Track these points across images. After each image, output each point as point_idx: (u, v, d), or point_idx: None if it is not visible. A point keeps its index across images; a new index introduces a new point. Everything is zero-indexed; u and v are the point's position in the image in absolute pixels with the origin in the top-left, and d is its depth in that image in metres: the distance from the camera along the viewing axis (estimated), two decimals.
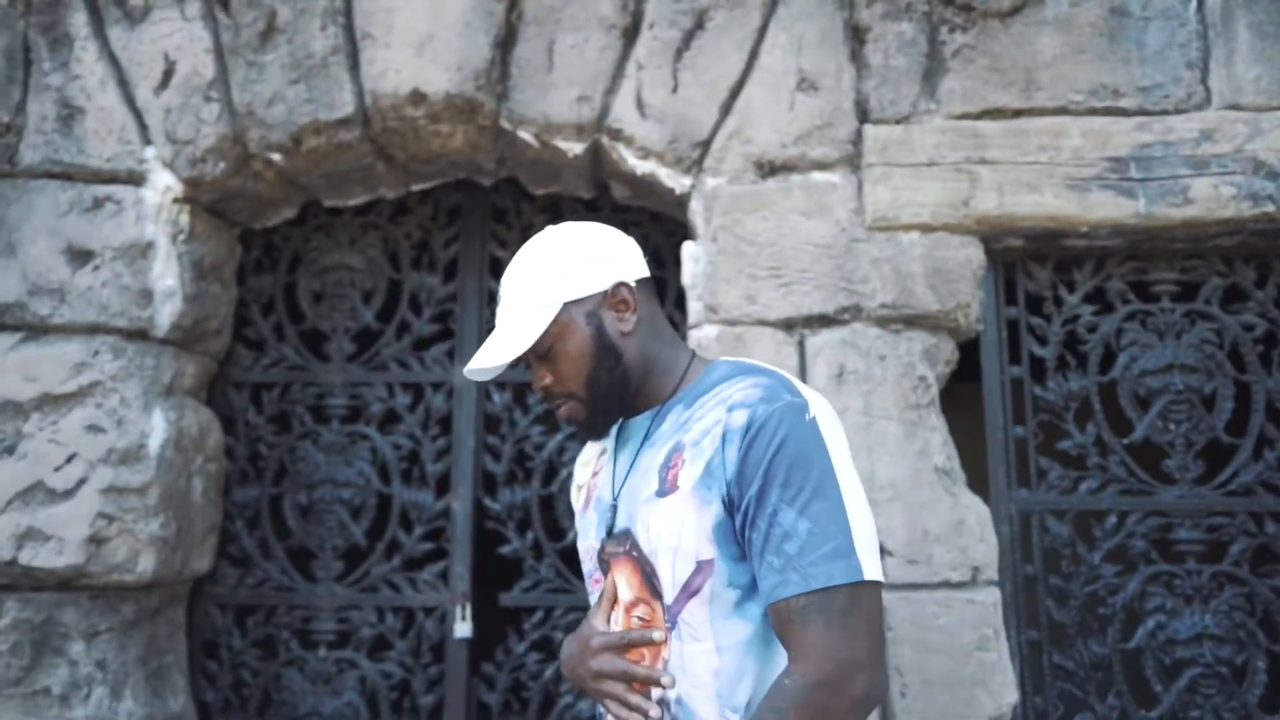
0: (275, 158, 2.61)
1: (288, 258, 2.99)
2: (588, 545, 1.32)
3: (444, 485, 2.84)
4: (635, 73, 2.52)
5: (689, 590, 1.14)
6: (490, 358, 1.24)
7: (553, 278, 1.23)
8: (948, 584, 2.27)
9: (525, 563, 2.78)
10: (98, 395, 2.49)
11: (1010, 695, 2.23)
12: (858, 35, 2.52)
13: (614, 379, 1.25)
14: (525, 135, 2.56)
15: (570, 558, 2.72)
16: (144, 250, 2.56)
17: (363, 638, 2.77)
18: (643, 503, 1.20)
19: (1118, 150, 2.41)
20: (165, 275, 2.58)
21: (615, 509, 1.26)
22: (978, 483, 2.42)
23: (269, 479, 2.88)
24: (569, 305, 1.23)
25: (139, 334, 2.56)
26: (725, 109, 2.50)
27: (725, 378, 1.21)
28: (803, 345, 2.39)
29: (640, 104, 2.51)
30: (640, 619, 1.19)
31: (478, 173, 2.83)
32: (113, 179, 2.58)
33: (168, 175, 2.59)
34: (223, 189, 2.65)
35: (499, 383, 2.85)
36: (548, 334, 1.23)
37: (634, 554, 1.20)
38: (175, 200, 2.60)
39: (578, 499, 1.40)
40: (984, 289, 2.50)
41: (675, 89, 2.50)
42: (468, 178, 2.87)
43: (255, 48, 2.58)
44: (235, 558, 2.83)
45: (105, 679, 2.45)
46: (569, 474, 2.77)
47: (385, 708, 2.73)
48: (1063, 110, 2.45)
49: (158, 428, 2.54)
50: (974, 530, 2.29)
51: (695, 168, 2.50)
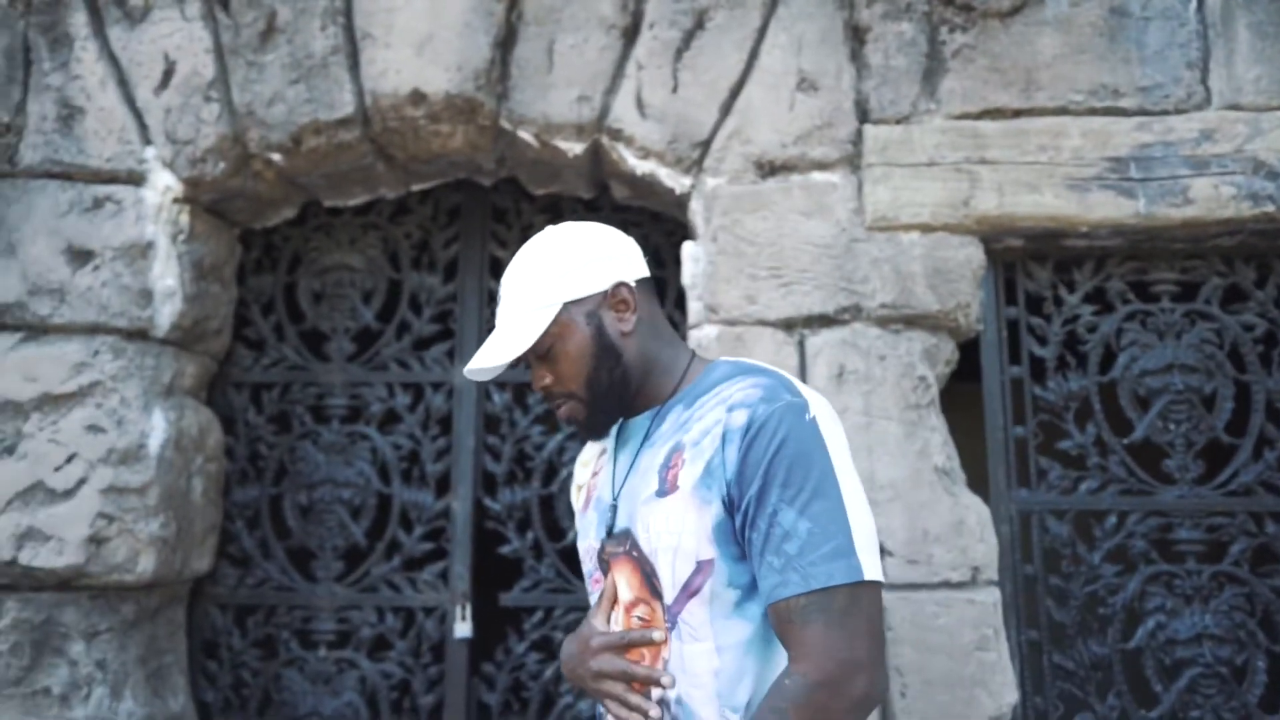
0: (275, 158, 2.61)
1: (288, 258, 2.99)
2: (588, 545, 1.32)
3: (444, 485, 2.84)
4: (635, 73, 2.52)
5: (689, 590, 1.14)
6: (490, 358, 1.24)
7: (552, 278, 1.23)
8: (948, 584, 2.27)
9: (525, 563, 2.78)
10: (98, 395, 2.49)
11: (1010, 695, 2.23)
12: (858, 35, 2.52)
13: (614, 379, 1.25)
14: (525, 135, 2.57)
15: (570, 558, 2.72)
16: (144, 250, 2.56)
17: (363, 638, 2.77)
18: (643, 503, 1.20)
19: (1118, 150, 2.41)
20: (165, 275, 2.58)
21: (615, 509, 1.26)
22: (978, 483, 2.42)
23: (269, 479, 2.88)
24: (569, 305, 1.23)
25: (139, 334, 2.56)
26: (725, 109, 2.50)
27: (725, 378, 1.21)
28: (803, 345, 2.39)
29: (640, 104, 2.51)
30: (640, 619, 1.19)
31: (478, 173, 2.83)
32: (113, 179, 2.58)
33: (168, 175, 2.59)
34: (223, 189, 2.66)
35: (499, 383, 2.85)
36: (547, 334, 1.23)
37: (634, 554, 1.20)
38: (175, 200, 2.60)
39: (578, 499, 1.40)
40: (984, 289, 2.51)
41: (675, 89, 2.50)
42: (467, 178, 2.87)
43: (255, 48, 2.58)
44: (235, 558, 2.83)
45: (105, 679, 2.45)
46: (569, 474, 2.77)
47: (385, 708, 2.73)
48: (1063, 110, 2.45)
49: (158, 428, 2.54)
50: (974, 530, 2.29)
51: (695, 168, 2.50)
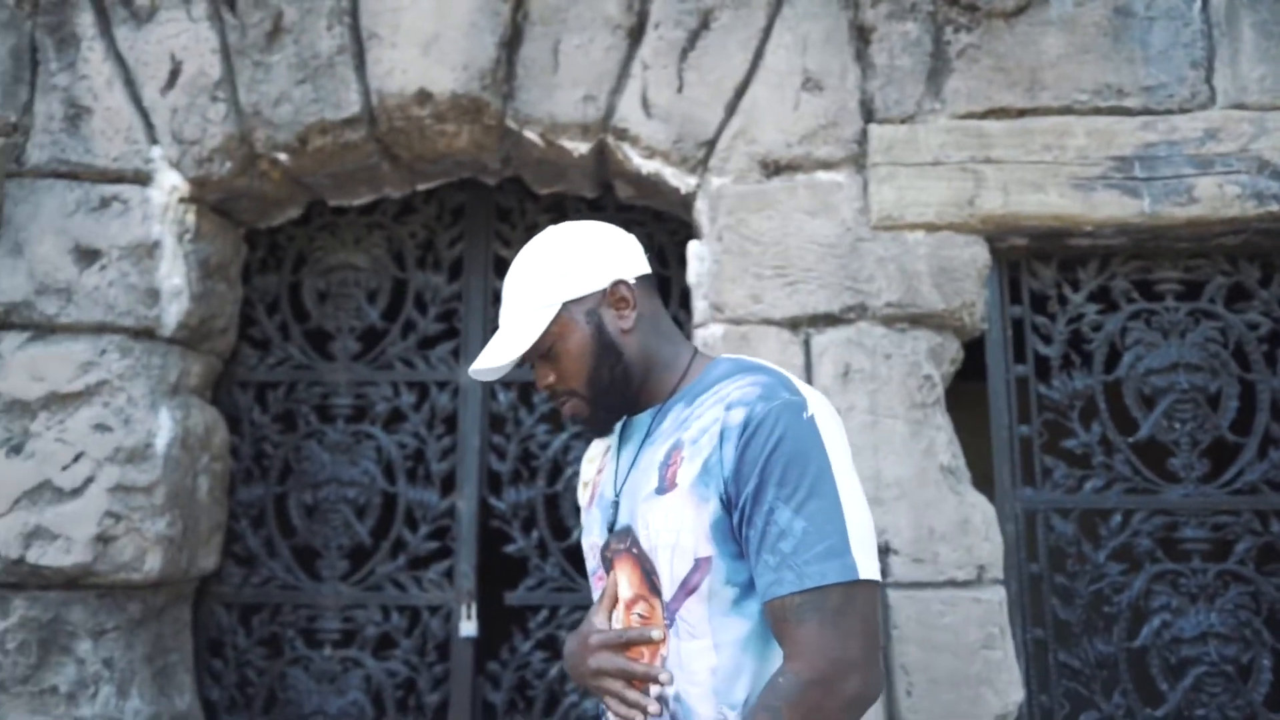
0: (281, 157, 2.62)
1: (293, 257, 3.00)
2: (591, 542, 1.33)
3: (449, 484, 2.84)
4: (641, 73, 2.52)
5: (687, 587, 1.15)
6: (493, 358, 1.25)
7: (552, 277, 1.24)
8: (953, 582, 2.27)
9: (530, 561, 2.78)
10: (105, 394, 2.50)
11: (1016, 694, 2.23)
12: (863, 35, 2.53)
13: (615, 376, 1.25)
14: (531, 135, 2.57)
15: (575, 556, 2.73)
16: (150, 249, 2.57)
17: (368, 636, 2.78)
18: (643, 500, 1.20)
19: (1122, 150, 2.41)
20: (172, 274, 2.59)
21: (617, 505, 1.26)
22: (983, 481, 2.42)
23: (274, 478, 2.88)
24: (569, 304, 1.24)
25: (146, 333, 2.57)
26: (730, 109, 2.50)
27: (725, 375, 1.21)
28: (808, 344, 2.40)
29: (645, 104, 2.51)
30: (640, 616, 1.20)
31: (483, 172, 2.84)
32: (119, 179, 2.59)
33: (174, 175, 2.60)
34: (229, 188, 2.66)
35: (504, 382, 2.85)
36: (548, 333, 1.24)
37: (634, 551, 1.21)
38: (181, 200, 2.61)
39: (584, 495, 1.41)
40: (989, 288, 2.51)
41: (680, 89, 2.51)
42: (472, 177, 2.88)
43: (262, 48, 2.59)
44: (240, 557, 2.84)
45: (112, 677, 2.46)
46: (574, 473, 2.78)
47: (390, 706, 2.73)
48: (1067, 110, 2.45)
49: (164, 427, 2.55)
50: (979, 529, 2.29)
51: (700, 167, 2.50)
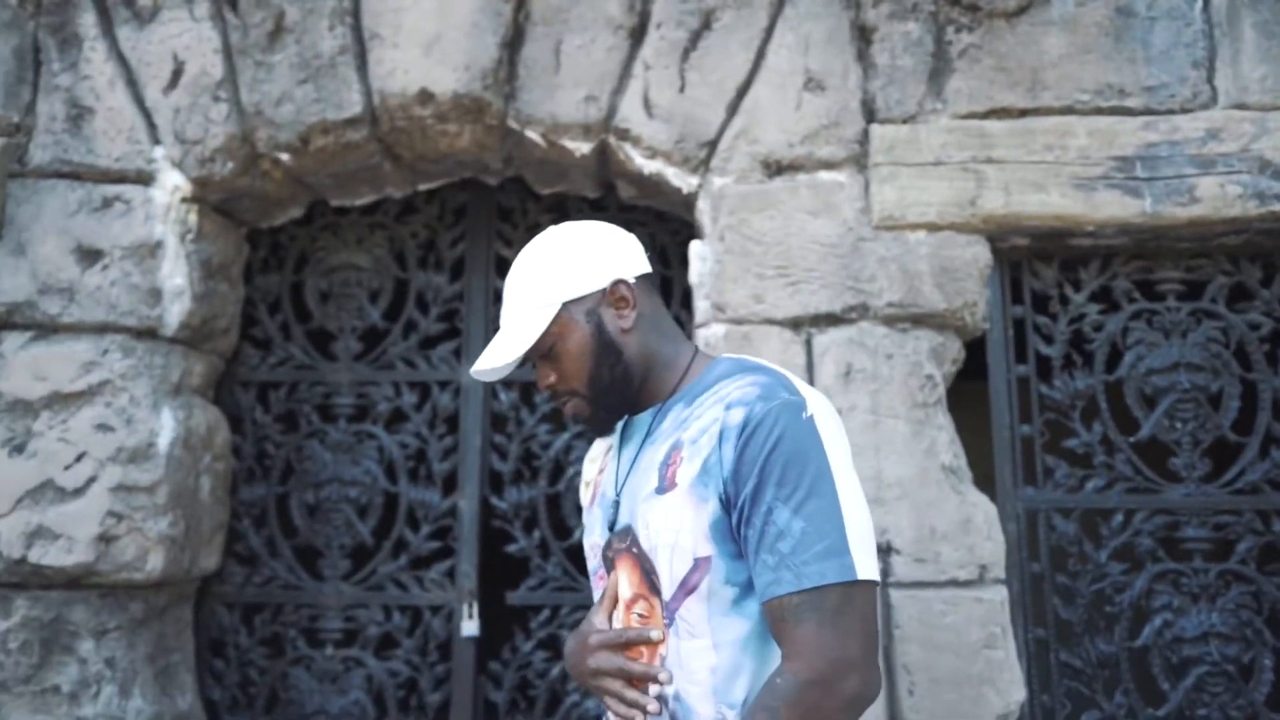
0: (283, 157, 2.62)
1: (294, 257, 3.00)
2: (593, 542, 1.33)
3: (451, 484, 2.84)
4: (642, 73, 2.52)
5: (687, 587, 1.15)
6: (494, 358, 1.25)
7: (552, 277, 1.24)
8: (955, 582, 2.27)
9: (532, 561, 2.78)
10: (107, 394, 2.50)
11: (1018, 693, 2.23)
12: (864, 35, 2.53)
13: (615, 376, 1.25)
14: (532, 135, 2.57)
15: (576, 556, 2.73)
16: (153, 249, 2.57)
17: (369, 636, 2.78)
18: (643, 500, 1.20)
19: (1124, 150, 2.41)
20: (174, 274, 2.59)
21: (618, 505, 1.26)
22: (984, 481, 2.43)
23: (276, 478, 2.89)
24: (568, 304, 1.24)
25: (148, 333, 2.57)
26: (732, 109, 2.50)
27: (725, 375, 1.21)
28: (810, 344, 2.40)
29: (647, 104, 2.51)
30: (640, 615, 1.20)
31: (484, 172, 2.84)
32: (122, 179, 2.60)
33: (176, 175, 2.60)
34: (231, 188, 2.67)
35: (506, 381, 2.86)
36: (549, 333, 1.24)
37: (634, 551, 1.21)
38: (184, 200, 2.62)
39: (586, 495, 1.41)
40: (990, 288, 2.51)
41: (682, 89, 2.51)
42: (474, 177, 2.88)
43: (263, 48, 2.59)
44: (242, 556, 2.84)
45: (114, 677, 2.46)
46: (575, 473, 2.78)
47: (392, 706, 2.73)
48: (1069, 110, 2.45)
49: (166, 426, 2.55)
50: (981, 528, 2.30)
51: (702, 167, 2.51)
